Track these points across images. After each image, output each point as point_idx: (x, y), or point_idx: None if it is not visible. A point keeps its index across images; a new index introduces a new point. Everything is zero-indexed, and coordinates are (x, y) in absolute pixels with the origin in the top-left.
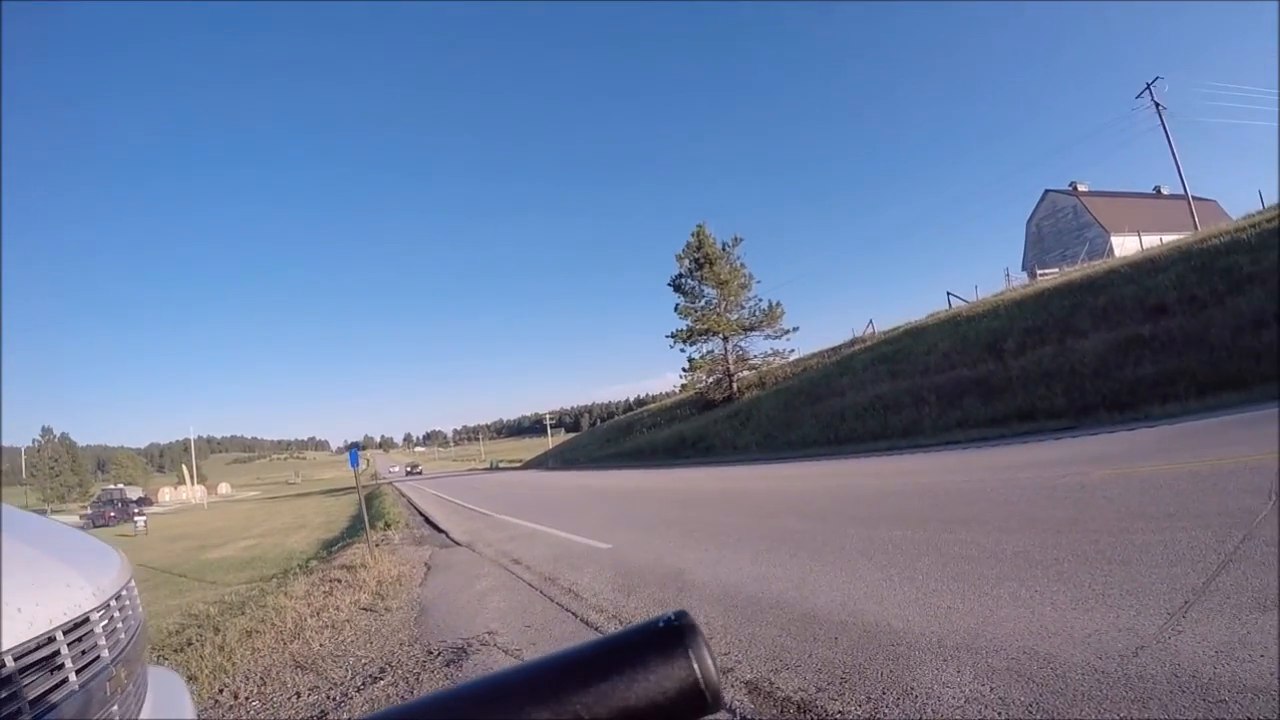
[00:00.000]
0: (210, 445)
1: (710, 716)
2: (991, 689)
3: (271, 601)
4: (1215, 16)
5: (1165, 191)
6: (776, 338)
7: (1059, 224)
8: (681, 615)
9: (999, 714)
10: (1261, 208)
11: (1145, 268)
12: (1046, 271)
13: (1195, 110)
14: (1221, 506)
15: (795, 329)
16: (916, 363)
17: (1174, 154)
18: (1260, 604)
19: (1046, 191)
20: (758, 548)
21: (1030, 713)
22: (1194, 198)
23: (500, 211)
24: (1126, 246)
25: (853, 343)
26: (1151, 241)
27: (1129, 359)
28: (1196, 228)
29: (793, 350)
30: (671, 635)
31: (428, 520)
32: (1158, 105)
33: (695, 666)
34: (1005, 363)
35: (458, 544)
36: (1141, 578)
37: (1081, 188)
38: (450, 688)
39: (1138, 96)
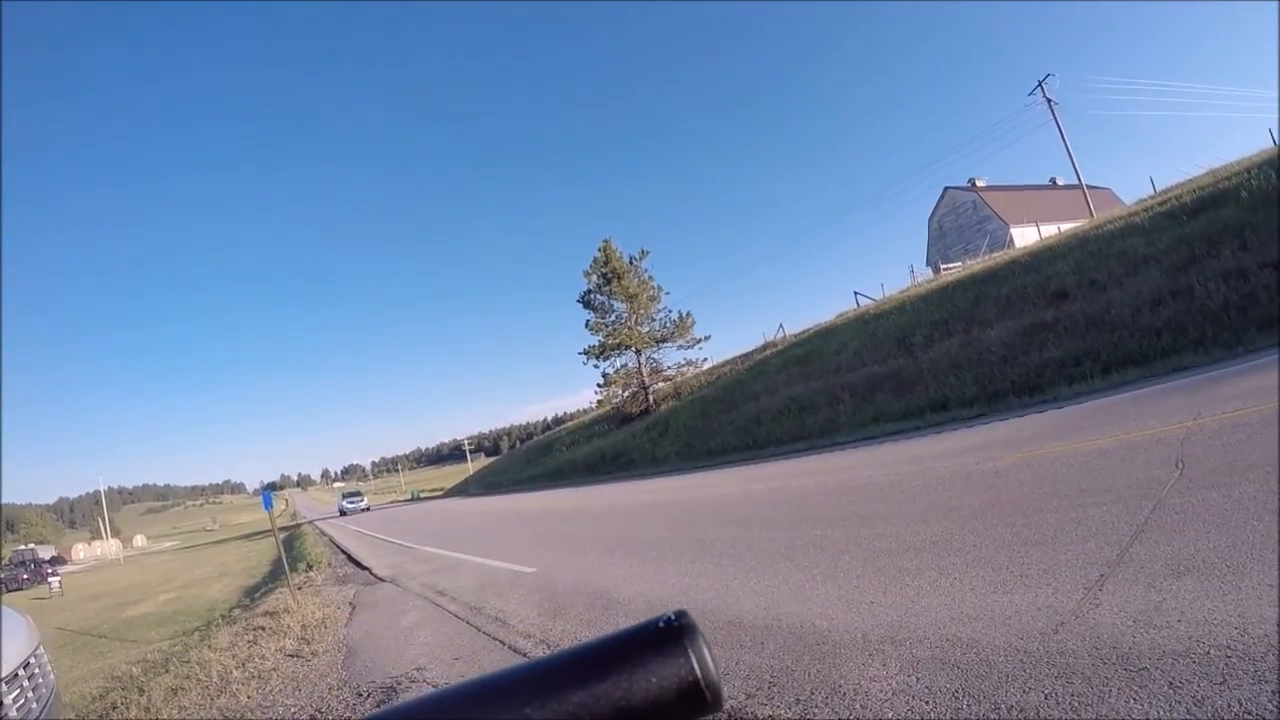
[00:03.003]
0: (122, 496)
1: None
2: (918, 679)
3: (195, 656)
4: (1103, 15)
5: (1061, 182)
6: (689, 347)
7: (960, 219)
8: (681, 615)
9: (926, 704)
10: (1153, 192)
11: (1045, 256)
12: (950, 266)
13: (1087, 104)
14: (1130, 479)
15: (707, 337)
16: (828, 362)
17: (1067, 146)
18: (1174, 570)
19: (946, 189)
20: (681, 559)
21: (957, 699)
22: (1088, 186)
23: (403, 240)
24: (1026, 237)
25: (764, 347)
26: (1050, 231)
27: (1034, 344)
28: (1092, 215)
29: (705, 359)
30: (671, 635)
31: (350, 558)
32: (1049, 101)
33: (695, 666)
34: (915, 356)
35: (381, 580)
36: (1057, 556)
37: (980, 183)
38: (450, 687)
39: (1030, 93)
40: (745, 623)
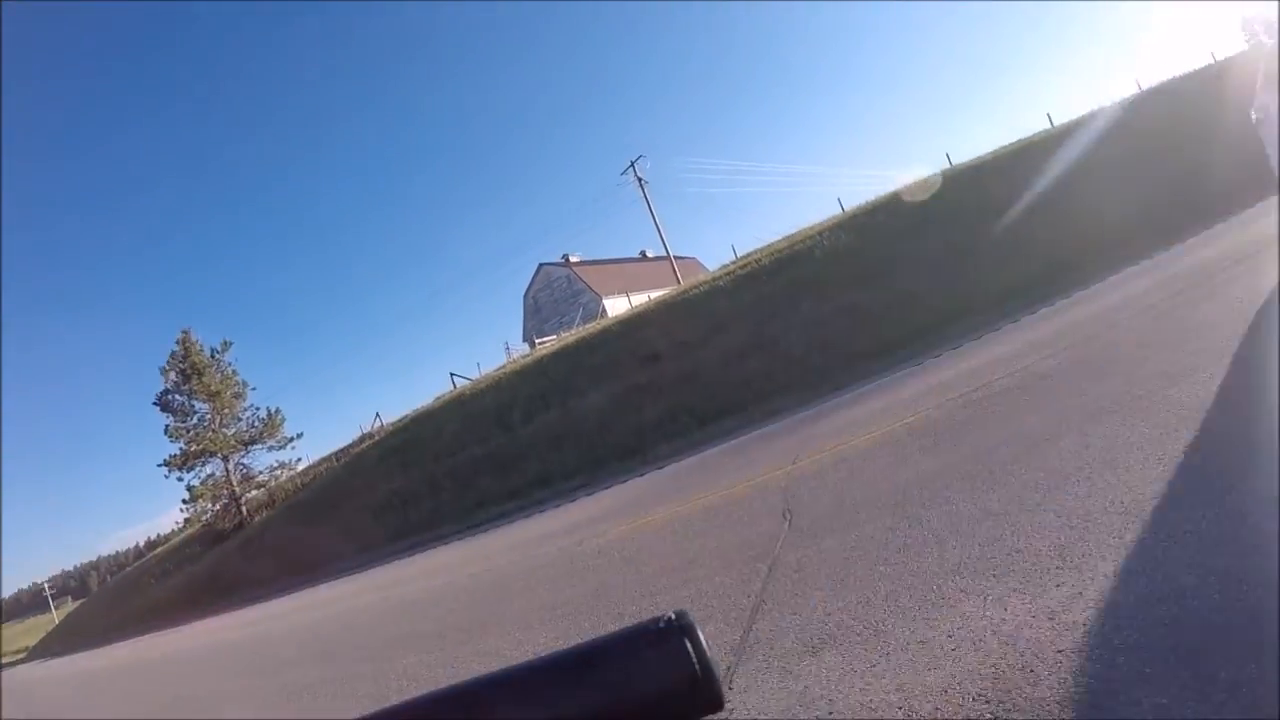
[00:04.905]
0: None
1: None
2: None
3: None
4: (687, 104)
5: (650, 254)
6: (280, 448)
7: (554, 294)
8: (682, 614)
9: None
10: (734, 257)
11: (636, 323)
12: (545, 340)
13: (676, 181)
14: (741, 539)
15: (299, 435)
16: (428, 449)
17: (655, 221)
18: (808, 646)
19: (541, 265)
20: None
21: None
22: (676, 257)
23: None
24: (618, 307)
25: (361, 440)
26: (640, 299)
27: (631, 407)
28: (679, 282)
29: (300, 459)
30: (671, 634)
31: None
32: (640, 180)
33: (695, 665)
34: (515, 433)
35: None
36: None
37: (574, 259)
38: (449, 686)
39: (623, 173)
40: None
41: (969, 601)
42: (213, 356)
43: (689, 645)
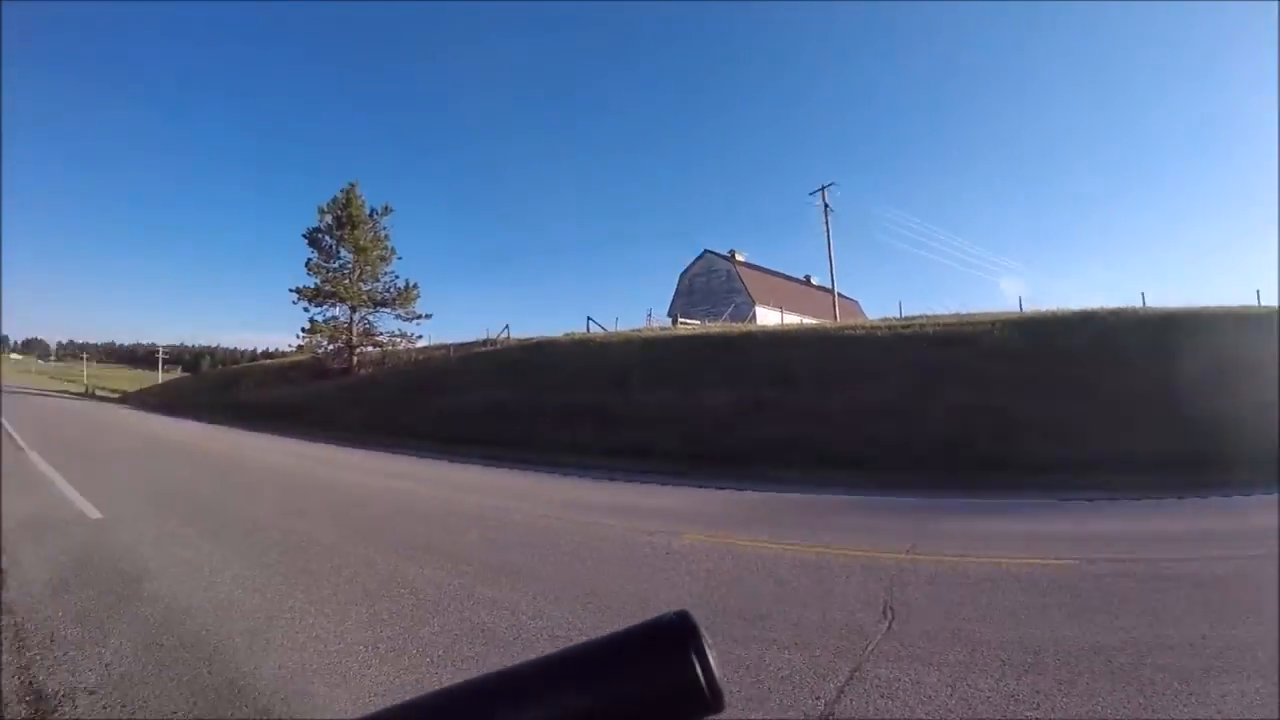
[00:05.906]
0: None
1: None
2: None
3: None
4: (895, 155)
5: (815, 281)
6: (407, 320)
7: (711, 282)
8: (683, 615)
9: None
10: (900, 315)
11: (783, 340)
12: (688, 321)
13: (861, 221)
14: (824, 618)
15: (428, 316)
16: (542, 377)
17: (830, 252)
18: None
19: (705, 251)
20: (268, 553)
21: None
22: (840, 294)
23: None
24: (768, 318)
25: (484, 342)
26: (791, 320)
27: (751, 418)
28: (836, 318)
29: (420, 336)
30: (673, 635)
31: None
32: (827, 206)
33: (696, 666)
34: (629, 397)
35: None
36: None
37: (739, 256)
38: (449, 686)
39: (811, 194)
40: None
41: None
42: (371, 215)
43: (690, 646)
